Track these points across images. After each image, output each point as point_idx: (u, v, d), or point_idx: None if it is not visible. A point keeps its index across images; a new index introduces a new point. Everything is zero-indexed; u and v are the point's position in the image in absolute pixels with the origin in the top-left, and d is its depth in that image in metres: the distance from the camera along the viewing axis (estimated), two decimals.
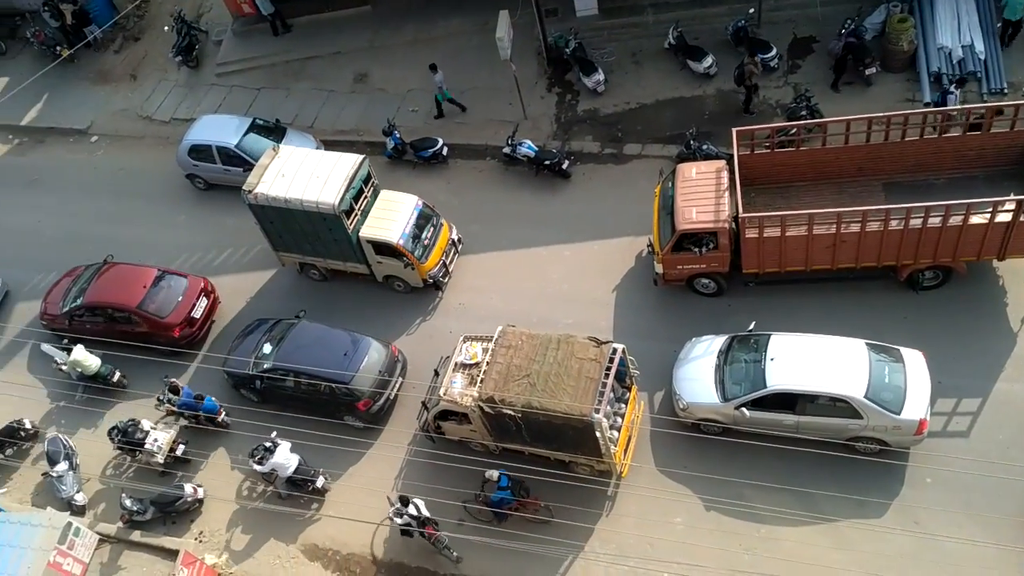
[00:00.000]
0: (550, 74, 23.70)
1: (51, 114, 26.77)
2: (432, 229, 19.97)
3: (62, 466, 18.46)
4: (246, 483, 18.36)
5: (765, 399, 15.95)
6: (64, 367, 20.06)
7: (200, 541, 17.81)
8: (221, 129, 23.11)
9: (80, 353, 19.73)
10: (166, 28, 27.46)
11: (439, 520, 16.26)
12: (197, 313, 20.38)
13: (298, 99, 25.06)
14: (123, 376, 20.15)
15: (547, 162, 21.35)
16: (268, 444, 17.38)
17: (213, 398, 18.93)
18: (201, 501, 18.16)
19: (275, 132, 23.04)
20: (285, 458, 17.41)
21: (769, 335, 16.66)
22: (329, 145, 22.94)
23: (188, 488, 17.98)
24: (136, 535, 18.08)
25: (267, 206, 19.32)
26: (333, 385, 17.90)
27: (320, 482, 17.61)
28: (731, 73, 21.48)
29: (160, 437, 18.31)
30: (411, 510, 16.11)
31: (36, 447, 19.69)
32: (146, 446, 18.15)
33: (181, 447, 18.59)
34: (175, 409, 18.75)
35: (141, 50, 28.00)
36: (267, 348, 18.78)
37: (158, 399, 18.91)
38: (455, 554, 16.54)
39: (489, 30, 21.62)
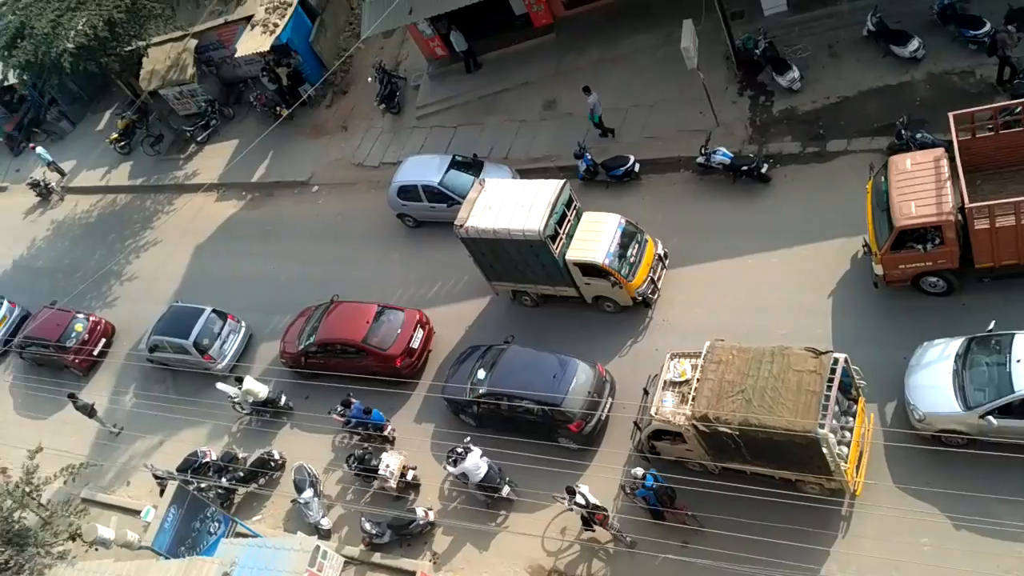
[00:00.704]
0: (740, 77, 22.74)
1: (276, 169, 29.12)
2: (637, 246, 19.69)
3: (308, 493, 19.79)
4: (472, 507, 18.81)
5: (1014, 405, 14.27)
6: (237, 399, 22.09)
7: (434, 563, 18.44)
8: (425, 169, 24.06)
9: (250, 383, 21.85)
10: (369, 79, 29.08)
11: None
12: (415, 344, 21.27)
13: (492, 132, 25.66)
14: (288, 400, 22.16)
15: (744, 168, 20.46)
16: (461, 449, 18.22)
17: (380, 411, 20.19)
18: (433, 524, 18.82)
19: (473, 166, 23.70)
20: (475, 464, 18.08)
21: (1013, 334, 14.98)
22: (524, 173, 23.30)
23: (420, 511, 18.70)
24: (376, 557, 19.04)
25: (478, 238, 19.85)
26: (545, 407, 18.03)
27: (505, 491, 18.21)
28: (941, 54, 19.57)
29: (392, 463, 19.21)
30: (578, 499, 16.45)
31: (285, 476, 21.17)
32: (379, 472, 19.09)
33: (411, 472, 19.40)
34: (343, 419, 20.37)
35: (349, 103, 29.85)
36: (481, 374, 19.24)
37: (330, 411, 20.44)
38: (628, 538, 16.70)
39: (674, 41, 21.10)
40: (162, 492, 20.34)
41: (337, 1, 31.64)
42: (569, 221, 19.73)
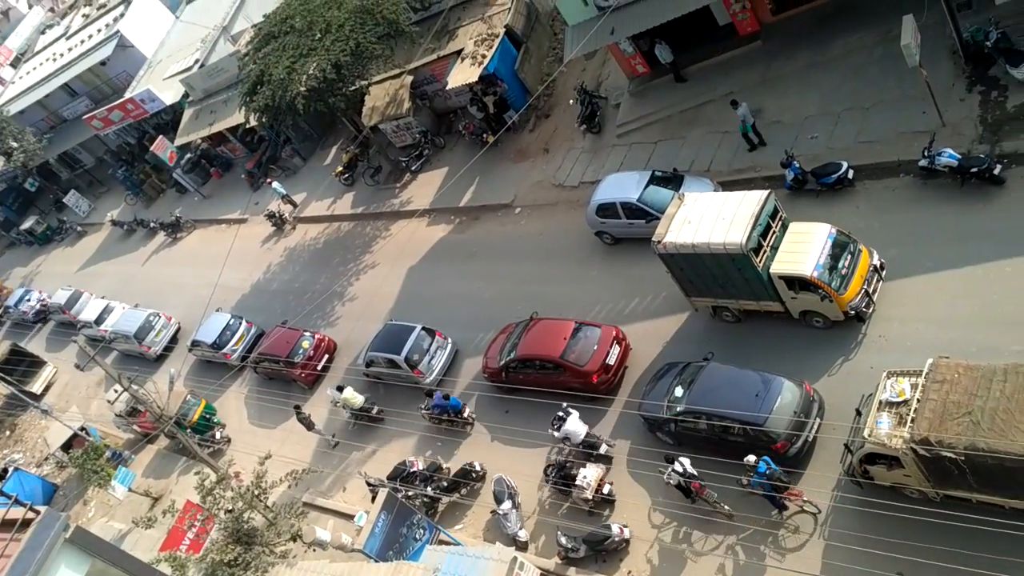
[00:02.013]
0: (969, 72, 21.30)
1: (482, 193, 30.96)
2: (849, 257, 19.05)
3: (506, 504, 20.77)
4: (667, 523, 18.89)
5: None
6: (338, 403, 25.70)
7: None
8: (623, 186, 24.65)
9: (348, 392, 25.58)
10: (571, 101, 30.24)
11: None
12: (611, 360, 21.76)
13: (693, 146, 25.80)
14: (381, 410, 25.56)
15: (974, 169, 19.16)
16: (562, 413, 20.67)
17: (457, 397, 23.44)
18: (628, 541, 19.08)
19: (673, 181, 23.96)
20: (575, 426, 20.44)
21: None
22: (726, 186, 23.21)
23: (615, 528, 19.04)
24: (571, 572, 19.56)
25: (676, 254, 20.09)
26: (747, 427, 17.79)
27: (603, 448, 20.35)
28: None
29: (590, 475, 19.77)
30: (676, 467, 17.90)
31: (485, 488, 22.37)
32: (577, 482, 19.69)
33: (608, 486, 19.82)
34: (430, 412, 23.51)
35: (551, 125, 31.18)
36: (679, 391, 19.36)
37: (420, 408, 23.89)
38: (726, 507, 17.71)
39: (893, 39, 20.33)
40: (374, 499, 22.17)
41: (541, 28, 33.25)
42: (774, 232, 19.47)
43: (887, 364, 16.73)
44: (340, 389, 25.97)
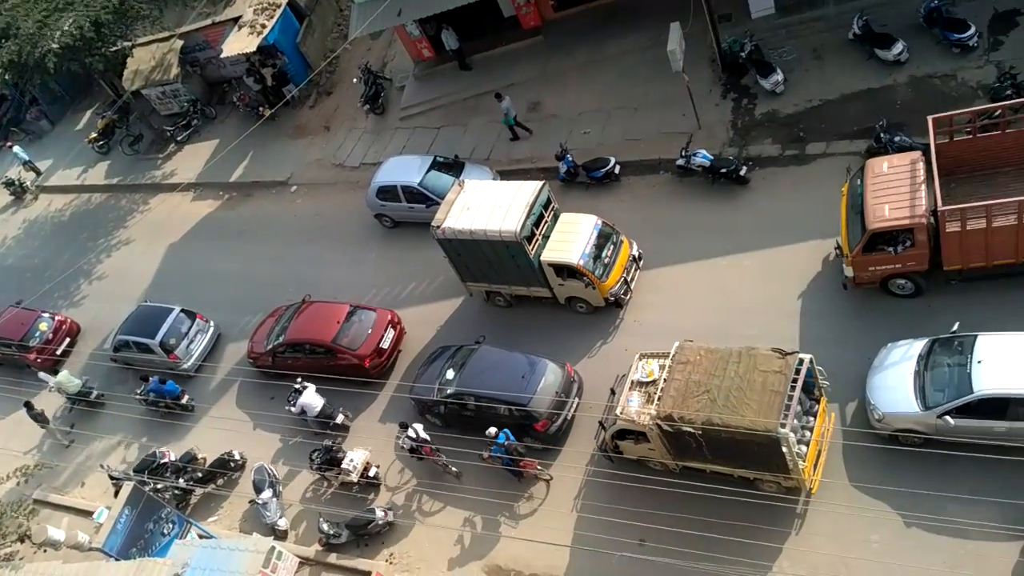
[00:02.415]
0: (724, 80, 24.05)
1: (256, 169, 30.57)
2: (612, 247, 20.87)
3: (267, 494, 20.86)
4: (432, 505, 19.87)
5: (972, 405, 15.27)
6: (52, 388, 25.37)
7: (391, 563, 19.44)
8: (405, 169, 25.42)
9: (63, 376, 25.26)
10: (354, 80, 30.61)
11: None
12: (385, 344, 22.44)
13: (475, 133, 27.05)
14: (101, 394, 25.43)
15: (723, 170, 21.66)
16: (297, 387, 21.57)
17: (175, 383, 23.88)
18: (391, 524, 19.83)
19: (454, 167, 25.03)
20: (311, 399, 21.45)
21: (975, 336, 15.95)
22: (505, 175, 24.58)
23: (379, 512, 19.71)
24: (332, 557, 20.05)
25: (454, 239, 21.06)
26: (511, 407, 19.13)
27: (340, 418, 21.39)
28: (924, 57, 21.00)
29: (356, 457, 20.34)
30: (410, 432, 19.42)
31: (244, 476, 22.27)
32: (343, 465, 20.19)
33: (374, 469, 20.49)
34: (145, 397, 23.89)
35: (333, 103, 31.37)
36: (450, 374, 20.37)
37: (136, 393, 24.08)
38: (455, 469, 19.47)
39: (661, 44, 22.35)
40: (116, 493, 21.37)
41: (326, 3, 33.33)
42: (546, 222, 20.94)
43: (640, 347, 18.53)
44: (56, 372, 25.58)
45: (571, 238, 20.75)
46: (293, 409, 21.61)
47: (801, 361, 16.06)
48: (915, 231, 17.20)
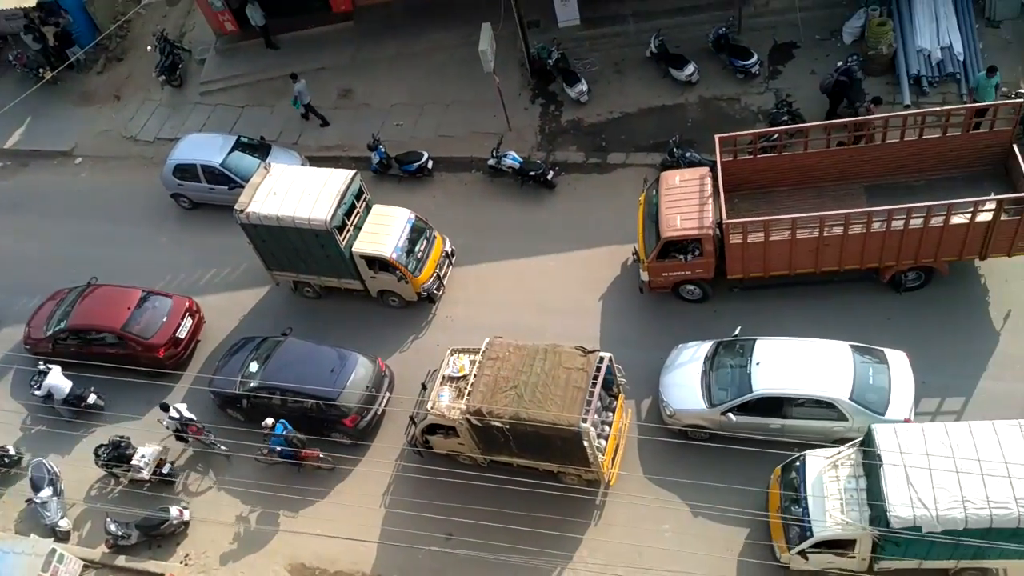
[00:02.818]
0: (533, 85, 24.33)
1: (34, 137, 27.39)
2: (425, 242, 20.52)
3: (46, 492, 18.84)
4: (232, 502, 18.76)
5: (751, 404, 16.42)
6: None
7: (186, 564, 18.21)
8: (206, 148, 23.68)
9: None
10: (149, 48, 28.13)
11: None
12: (182, 333, 20.87)
13: (282, 116, 25.66)
14: None
15: (532, 173, 21.93)
16: (42, 368, 20.25)
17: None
18: (187, 523, 18.55)
19: (260, 150, 23.65)
20: (58, 379, 20.13)
21: (755, 339, 17.14)
22: (314, 161, 23.54)
23: (174, 511, 18.36)
24: (121, 560, 18.49)
25: (259, 225, 19.84)
26: (320, 402, 18.39)
27: (92, 399, 20.15)
28: (712, 80, 22.37)
29: (147, 453, 18.79)
30: (172, 413, 18.70)
31: (20, 473, 20.03)
32: (133, 462, 18.60)
33: (168, 465, 19.04)
34: None
35: (124, 70, 28.65)
36: (253, 367, 19.27)
37: None
38: (223, 447, 18.86)
39: (472, 43, 22.19)
40: None
41: None
42: (358, 213, 20.23)
43: (452, 342, 18.47)
44: None
45: (384, 231, 20.21)
46: (38, 392, 20.10)
47: (602, 359, 16.56)
48: (703, 241, 18.22)
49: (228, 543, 18.34)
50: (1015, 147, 17.53)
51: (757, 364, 16.63)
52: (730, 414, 16.59)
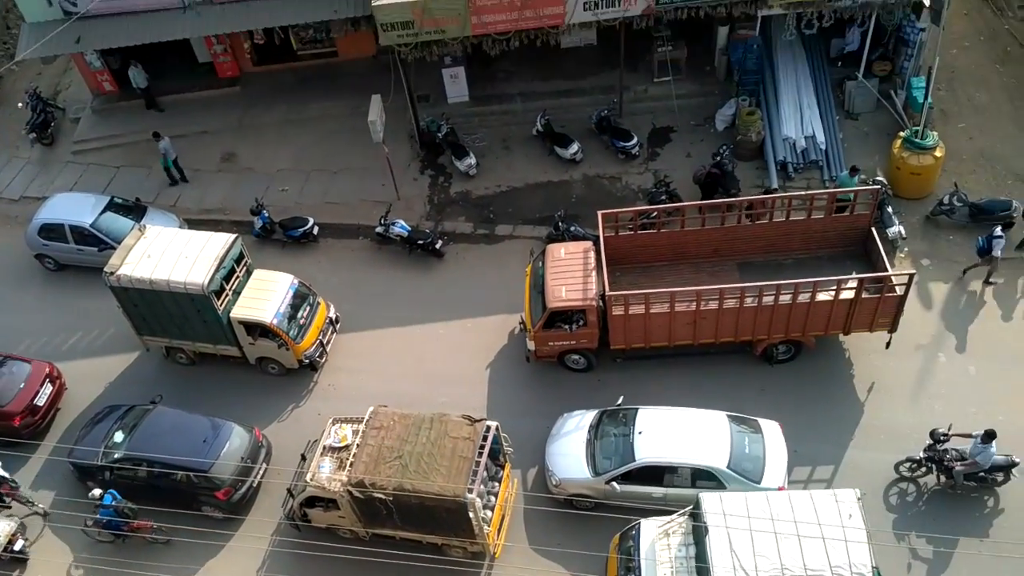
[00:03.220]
0: (423, 157, 24.49)
1: None
2: (308, 308, 19.98)
3: None
4: None
5: (634, 472, 16.52)
6: None
7: None
8: (75, 208, 22.60)
9: None
10: (20, 104, 26.86)
11: None
12: (40, 401, 19.44)
13: (160, 178, 24.76)
14: None
15: (420, 242, 21.87)
16: None
17: None
18: None
19: (135, 211, 22.73)
20: None
21: (637, 409, 17.35)
22: (193, 224, 22.76)
23: None
24: None
25: (131, 288, 18.94)
26: (191, 473, 17.34)
27: None
28: (595, 159, 23.28)
29: None
30: None
31: None
32: None
33: (21, 542, 17.44)
34: None
35: None
36: (119, 436, 18.09)
37: None
38: (41, 506, 18.21)
39: (362, 113, 22.26)
40: None
41: None
42: (237, 277, 19.58)
43: (334, 411, 17.85)
44: None
45: (265, 296, 19.59)
46: None
47: (488, 428, 16.37)
48: (587, 312, 18.50)
49: None
50: (873, 230, 18.83)
51: (639, 433, 16.81)
52: (614, 483, 16.62)
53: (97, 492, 17.20)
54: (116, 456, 17.75)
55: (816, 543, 13.94)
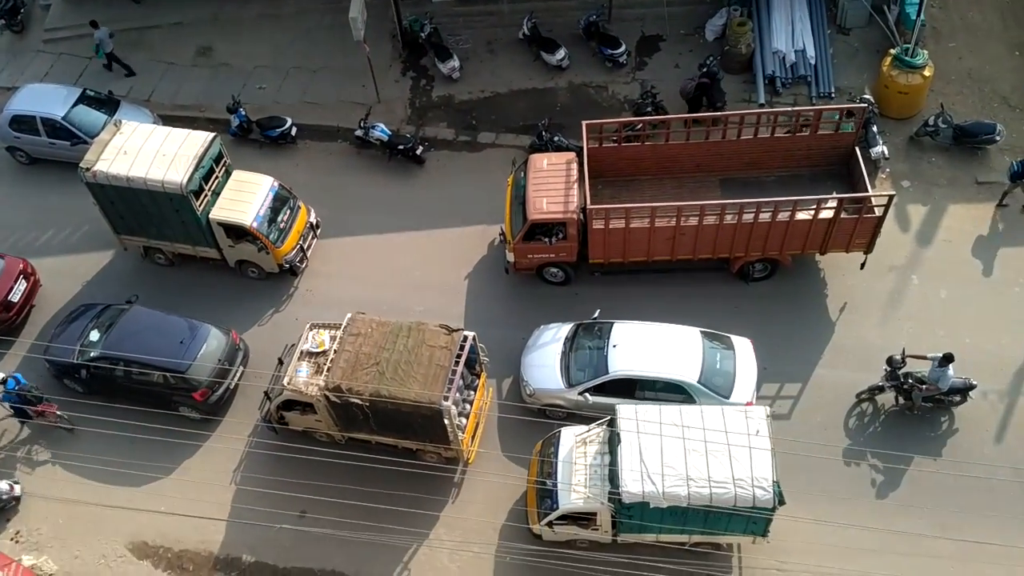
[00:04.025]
0: (405, 58, 23.56)
1: None
2: (289, 212, 19.52)
3: None
4: (70, 478, 17.37)
5: (607, 385, 16.60)
6: None
7: (16, 541, 16.78)
8: (47, 99, 21.73)
9: None
10: None
11: None
12: (15, 297, 19.10)
13: (135, 70, 23.76)
14: None
15: (400, 147, 21.26)
16: None
17: None
18: (18, 499, 17.09)
19: (108, 104, 21.93)
20: None
21: (612, 323, 17.31)
22: (168, 120, 21.98)
23: (3, 485, 16.89)
24: None
25: (107, 185, 18.38)
26: (168, 374, 17.22)
27: None
28: (582, 66, 22.45)
29: None
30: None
31: None
32: None
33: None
34: None
35: None
36: (94, 335, 17.89)
37: None
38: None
39: (342, 9, 21.24)
40: None
41: None
42: (217, 178, 19.03)
43: (312, 317, 17.68)
44: None
45: (245, 198, 19.09)
46: None
47: (465, 338, 16.31)
48: (567, 225, 18.20)
49: (64, 520, 17.01)
50: (857, 149, 18.47)
51: (614, 347, 16.81)
52: (587, 394, 16.72)
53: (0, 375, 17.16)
54: (92, 355, 17.59)
55: (722, 456, 14.39)
